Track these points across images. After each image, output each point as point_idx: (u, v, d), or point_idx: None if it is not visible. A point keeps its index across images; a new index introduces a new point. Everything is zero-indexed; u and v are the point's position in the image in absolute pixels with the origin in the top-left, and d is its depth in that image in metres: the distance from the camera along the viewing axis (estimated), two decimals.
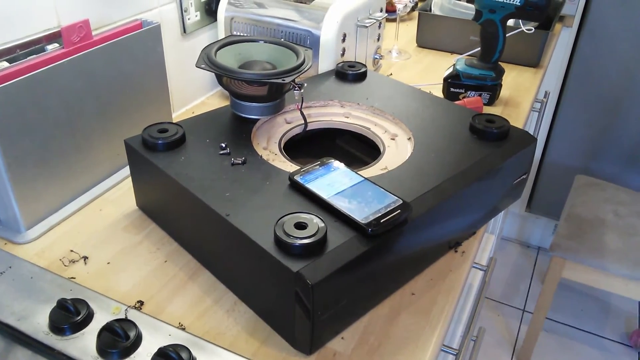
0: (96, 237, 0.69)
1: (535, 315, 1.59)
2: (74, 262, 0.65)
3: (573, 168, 1.89)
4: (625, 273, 1.39)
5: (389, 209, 0.55)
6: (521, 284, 2.00)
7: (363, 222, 0.53)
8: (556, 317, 1.85)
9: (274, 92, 0.71)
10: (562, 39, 1.69)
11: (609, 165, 1.84)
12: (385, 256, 0.56)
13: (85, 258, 0.65)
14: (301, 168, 0.62)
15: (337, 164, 0.63)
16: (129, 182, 0.79)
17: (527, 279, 2.02)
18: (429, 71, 1.18)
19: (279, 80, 0.67)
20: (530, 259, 2.11)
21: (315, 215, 0.54)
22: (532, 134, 1.42)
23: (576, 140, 1.84)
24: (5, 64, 0.65)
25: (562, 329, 1.81)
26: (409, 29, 1.41)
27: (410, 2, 1.45)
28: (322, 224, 0.53)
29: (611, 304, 1.91)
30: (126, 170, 0.81)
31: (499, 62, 1.03)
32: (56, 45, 0.71)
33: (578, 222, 1.53)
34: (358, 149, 0.82)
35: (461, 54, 1.23)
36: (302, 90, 0.73)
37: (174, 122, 0.70)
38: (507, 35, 1.00)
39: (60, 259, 0.65)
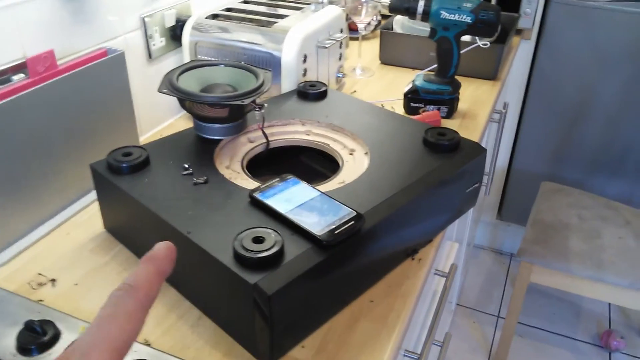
0: (64, 259, 0.70)
1: (508, 320, 1.63)
2: (41, 284, 0.66)
3: (539, 175, 1.95)
4: (589, 274, 1.44)
5: (342, 221, 0.58)
6: (495, 290, 2.04)
7: (318, 233, 0.56)
8: (529, 321, 1.90)
9: (235, 113, 0.74)
10: (522, 51, 1.75)
11: (572, 171, 1.90)
12: (342, 266, 0.59)
13: (53, 281, 0.67)
14: (261, 185, 0.65)
15: (295, 180, 0.66)
16: (96, 205, 0.81)
17: (500, 285, 2.07)
18: (392, 87, 1.22)
19: (239, 102, 0.71)
20: (503, 266, 2.16)
21: (273, 230, 0.57)
22: (493, 144, 1.48)
23: (541, 148, 1.91)
24: None
25: (535, 333, 1.86)
26: (373, 46, 1.46)
27: (373, 20, 1.50)
28: (279, 237, 0.56)
29: (582, 307, 1.96)
30: (94, 194, 0.83)
31: (456, 77, 1.08)
32: (22, 75, 0.73)
33: (543, 227, 1.59)
34: (320, 164, 0.85)
35: (422, 70, 1.28)
36: (263, 111, 0.77)
37: (138, 145, 0.73)
38: (463, 50, 1.05)
39: (28, 283, 0.66)
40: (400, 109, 1.11)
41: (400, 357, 0.72)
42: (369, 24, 1.40)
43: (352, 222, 0.59)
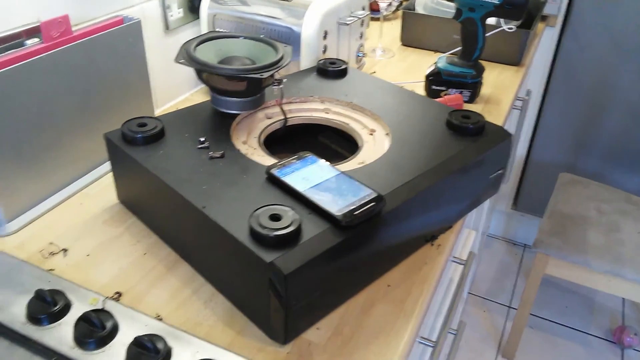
0: (76, 230, 0.69)
1: (520, 311, 1.61)
2: (53, 254, 0.65)
3: (558, 166, 1.92)
4: (607, 269, 1.41)
5: (363, 202, 0.56)
6: (507, 280, 2.02)
7: (337, 214, 0.54)
8: (541, 313, 1.87)
9: (252, 87, 0.72)
10: (546, 38, 1.71)
11: (592, 162, 1.86)
12: (360, 248, 0.57)
13: (64, 250, 0.66)
14: (278, 162, 0.63)
15: (314, 158, 0.64)
16: (109, 177, 0.80)
17: (513, 276, 2.04)
18: (412, 69, 1.19)
19: (257, 76, 0.68)
20: (516, 256, 2.13)
21: (290, 208, 0.55)
22: (514, 131, 1.44)
23: (560, 138, 1.87)
24: None
25: (547, 326, 1.83)
26: (394, 27, 1.42)
27: (394, 1, 1.47)
28: (297, 216, 0.54)
29: (595, 301, 1.93)
30: (107, 165, 0.81)
31: (480, 60, 1.04)
32: (36, 40, 0.71)
33: (561, 219, 1.55)
34: (338, 144, 0.83)
35: (444, 53, 1.25)
36: (281, 86, 0.74)
37: (153, 116, 0.71)
38: (488, 34, 1.01)
39: (40, 251, 0.65)
40: (420, 92, 1.08)
41: (415, 343, 0.71)
42: (390, 4, 1.36)
43: (373, 203, 0.56)
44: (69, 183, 0.77)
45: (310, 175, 0.61)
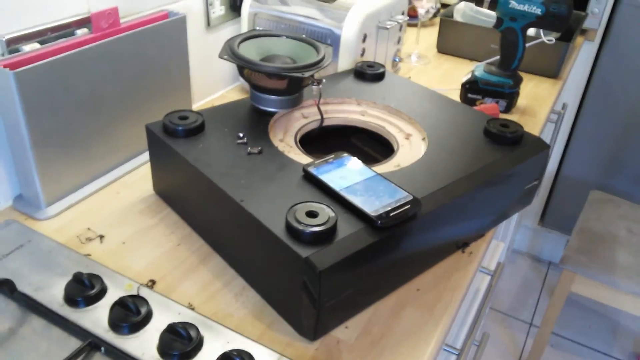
0: (113, 217, 0.71)
1: (542, 329, 1.59)
2: (90, 239, 0.67)
3: (588, 183, 1.88)
4: (635, 291, 1.38)
5: (399, 204, 0.56)
6: (530, 297, 1.99)
7: (373, 214, 0.55)
8: (563, 332, 1.84)
9: (292, 86, 0.73)
10: (584, 52, 1.68)
11: (624, 182, 1.83)
12: (393, 249, 0.57)
13: (101, 237, 0.67)
14: (315, 160, 0.63)
15: (350, 158, 0.64)
16: (146, 167, 0.81)
17: (536, 293, 2.01)
18: (448, 77, 1.19)
19: (299, 75, 0.69)
20: (540, 273, 2.10)
21: (327, 206, 0.55)
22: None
23: (593, 155, 1.83)
24: (37, 45, 0.67)
25: (568, 345, 1.80)
26: (430, 34, 1.42)
27: (432, 8, 1.46)
28: (333, 214, 0.54)
29: (620, 323, 1.89)
30: (144, 156, 0.83)
31: (518, 71, 1.03)
32: (85, 30, 0.73)
33: (590, 236, 1.53)
34: (372, 148, 0.83)
35: (480, 62, 1.24)
36: (320, 86, 0.75)
37: (194, 110, 0.72)
38: (527, 44, 1.01)
39: (77, 236, 0.67)
40: (455, 100, 1.07)
41: (440, 350, 0.70)
42: (428, 10, 1.36)
43: (408, 206, 0.57)
44: (108, 171, 0.78)
45: (347, 175, 0.61)
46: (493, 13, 1.00)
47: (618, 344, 1.81)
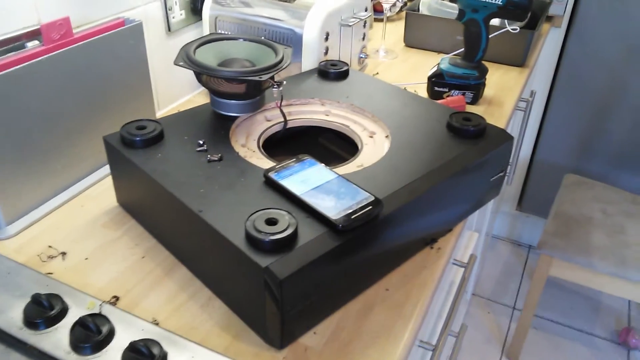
0: (75, 233, 0.69)
1: (524, 313, 1.60)
2: (52, 257, 0.65)
3: (563, 167, 1.90)
4: (611, 271, 1.40)
5: (360, 205, 0.56)
6: (511, 282, 2.01)
7: (334, 218, 0.54)
8: (546, 314, 1.86)
9: (252, 89, 0.72)
10: (551, 39, 1.69)
11: (597, 164, 1.85)
12: (357, 252, 0.57)
13: (63, 254, 0.66)
14: (276, 165, 0.62)
15: (312, 161, 0.64)
16: (109, 179, 0.80)
17: (517, 277, 2.03)
18: (416, 70, 1.19)
19: (256, 78, 0.68)
20: (520, 257, 2.12)
21: (287, 212, 0.55)
22: (518, 132, 1.43)
23: (566, 139, 1.85)
24: None
25: (551, 327, 1.82)
26: (397, 28, 1.42)
27: (398, 1, 1.46)
28: (293, 220, 0.53)
29: (601, 302, 1.92)
30: (107, 168, 0.81)
31: (483, 62, 1.03)
32: (36, 42, 0.71)
33: (566, 220, 1.54)
34: (338, 146, 0.82)
35: (447, 54, 1.24)
36: (281, 88, 0.74)
37: (152, 119, 0.71)
38: (492, 35, 1.01)
39: (38, 255, 0.66)
40: (423, 93, 1.08)
41: (414, 347, 0.70)
42: (394, 4, 1.35)
43: (370, 207, 0.56)
44: (70, 185, 0.77)
45: (308, 179, 0.60)
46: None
47: (600, 323, 1.84)
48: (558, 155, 1.89)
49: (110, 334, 0.53)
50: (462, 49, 1.04)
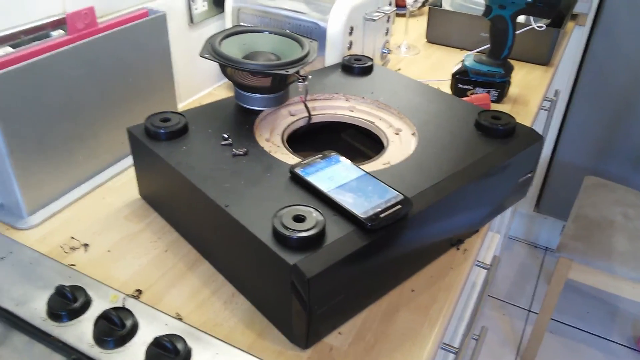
0: (97, 224, 0.69)
1: (541, 316, 1.58)
2: (74, 249, 0.65)
3: (583, 168, 1.87)
4: (632, 276, 1.38)
5: (389, 204, 0.55)
6: (527, 284, 1.98)
7: (362, 216, 0.53)
8: (562, 318, 1.84)
9: (277, 83, 0.70)
10: (575, 37, 1.66)
11: (619, 166, 1.82)
12: (385, 252, 0.55)
13: (85, 245, 0.65)
14: (302, 161, 0.61)
15: (338, 157, 0.62)
16: (132, 171, 0.79)
17: (533, 279, 2.01)
18: (438, 67, 1.17)
19: (282, 72, 0.67)
20: (537, 259, 2.09)
21: (314, 209, 0.54)
22: (541, 132, 1.41)
23: (586, 140, 1.82)
24: (9, 50, 0.65)
25: (567, 331, 1.80)
26: (419, 24, 1.40)
27: None
28: (321, 217, 0.52)
29: (618, 307, 1.89)
30: (129, 159, 0.81)
31: (508, 59, 1.01)
32: (61, 31, 0.70)
33: (586, 223, 1.52)
34: (362, 143, 0.81)
35: (471, 50, 1.22)
36: (306, 83, 0.73)
37: (177, 111, 0.70)
38: (517, 32, 0.99)
39: (60, 246, 0.65)
40: (446, 90, 1.06)
41: (437, 350, 0.69)
42: (415, 0, 1.33)
43: (399, 206, 0.55)
44: (92, 176, 0.76)
45: (335, 175, 0.59)
46: (482, 1, 0.98)
47: (617, 328, 1.81)
48: (578, 156, 1.86)
49: (134, 328, 0.53)
50: (486, 46, 1.02)
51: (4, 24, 0.65)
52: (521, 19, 1.21)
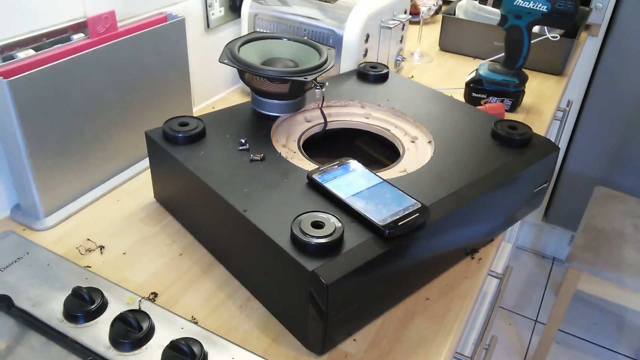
0: (113, 227, 0.69)
1: (548, 326, 1.57)
2: (90, 251, 0.65)
3: (592, 179, 1.86)
4: None
5: (407, 212, 0.55)
6: (534, 294, 1.97)
7: (380, 224, 0.53)
8: (569, 329, 1.83)
9: (295, 89, 0.71)
10: (587, 48, 1.66)
11: (629, 177, 1.81)
12: (401, 259, 0.55)
13: (101, 247, 0.66)
14: (320, 167, 0.61)
15: (355, 164, 0.63)
16: (147, 174, 0.79)
17: (540, 289, 2.00)
18: (451, 75, 1.17)
19: (301, 78, 0.67)
20: (544, 270, 2.08)
21: (333, 215, 0.54)
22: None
23: (597, 150, 1.82)
24: (32, 52, 0.65)
25: (574, 342, 1.79)
26: (432, 32, 1.40)
27: (434, 5, 1.44)
28: (339, 224, 0.52)
29: (626, 319, 1.88)
30: (144, 162, 0.81)
31: (523, 69, 1.01)
32: (82, 35, 0.71)
33: (596, 233, 1.51)
34: (377, 151, 0.81)
35: (484, 59, 1.22)
36: (323, 89, 0.73)
37: (195, 116, 0.70)
38: (532, 41, 0.99)
39: (77, 248, 0.65)
40: (459, 99, 1.06)
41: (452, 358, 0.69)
42: (429, 8, 1.34)
43: (417, 214, 0.55)
44: (107, 179, 0.77)
45: (352, 182, 0.59)
46: (496, 10, 0.98)
47: (624, 340, 1.80)
48: (588, 166, 1.85)
49: (151, 330, 0.53)
50: (500, 55, 1.02)
51: (27, 27, 0.66)
52: (535, 28, 1.21)
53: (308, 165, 0.65)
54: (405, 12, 1.04)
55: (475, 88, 1.03)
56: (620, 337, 1.81)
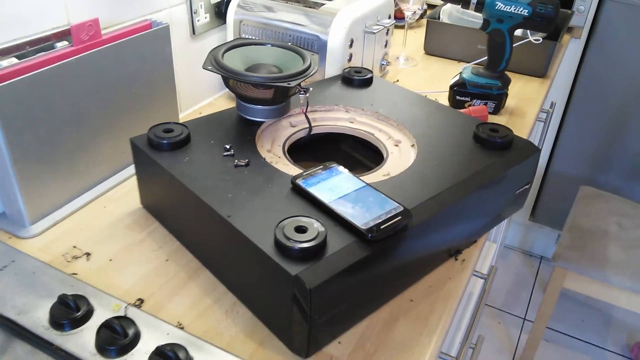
0: (99, 234, 0.69)
1: (536, 325, 1.59)
2: (76, 258, 0.65)
3: (578, 179, 1.89)
4: (627, 285, 1.39)
5: (389, 215, 0.56)
6: (523, 292, 1.99)
7: (363, 227, 0.54)
8: (557, 326, 1.85)
9: (279, 95, 0.72)
10: (570, 50, 1.68)
11: (613, 177, 1.83)
12: (385, 262, 0.56)
13: (87, 254, 0.66)
14: (304, 172, 0.62)
15: (339, 168, 0.63)
16: (133, 180, 0.80)
17: (528, 287, 2.02)
18: (436, 79, 1.18)
19: (285, 84, 0.68)
20: (532, 268, 2.10)
21: (316, 220, 0.54)
22: (537, 144, 1.42)
23: (581, 151, 1.84)
24: (15, 60, 0.66)
25: (562, 339, 1.81)
26: (417, 36, 1.42)
27: (419, 9, 1.46)
28: (322, 229, 0.53)
29: (613, 316, 1.90)
30: (130, 169, 0.81)
31: (506, 72, 1.03)
32: (65, 43, 0.71)
33: (581, 233, 1.53)
34: (362, 154, 0.82)
35: (468, 63, 1.24)
36: (307, 95, 0.74)
37: (179, 122, 0.71)
38: (514, 45, 1.00)
39: (62, 255, 0.66)
40: (444, 102, 1.07)
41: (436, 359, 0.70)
42: (414, 12, 1.35)
43: (399, 217, 0.56)
44: (93, 186, 0.77)
45: (336, 186, 0.60)
46: (479, 14, 0.99)
47: (612, 337, 1.82)
48: (573, 166, 1.88)
49: (136, 337, 0.53)
50: (484, 58, 1.03)
51: (9, 35, 0.66)
52: (518, 31, 1.23)
53: (293, 170, 0.66)
54: (389, 17, 1.05)
55: (459, 91, 1.04)
56: (607, 333, 1.83)
